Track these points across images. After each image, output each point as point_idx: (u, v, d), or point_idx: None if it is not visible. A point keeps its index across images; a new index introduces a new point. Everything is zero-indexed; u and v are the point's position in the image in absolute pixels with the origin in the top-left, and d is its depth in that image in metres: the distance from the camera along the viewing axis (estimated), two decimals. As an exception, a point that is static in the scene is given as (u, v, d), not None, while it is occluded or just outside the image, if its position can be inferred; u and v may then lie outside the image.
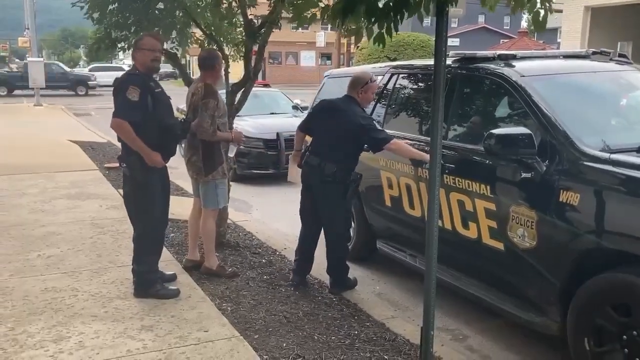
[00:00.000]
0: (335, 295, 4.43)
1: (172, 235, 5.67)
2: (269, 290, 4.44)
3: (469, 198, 3.83)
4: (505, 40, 39.20)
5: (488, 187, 3.71)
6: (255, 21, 5.18)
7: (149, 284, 4.19)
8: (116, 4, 5.19)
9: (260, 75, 6.19)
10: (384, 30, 2.59)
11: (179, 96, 6.48)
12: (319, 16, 4.23)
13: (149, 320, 3.80)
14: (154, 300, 4.10)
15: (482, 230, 3.78)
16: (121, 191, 7.53)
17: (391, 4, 2.50)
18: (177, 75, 29.85)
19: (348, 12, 2.56)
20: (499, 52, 4.25)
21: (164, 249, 4.55)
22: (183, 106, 5.64)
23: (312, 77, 44.75)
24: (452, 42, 46.92)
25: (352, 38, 3.34)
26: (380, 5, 2.55)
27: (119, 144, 4.24)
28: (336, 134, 4.27)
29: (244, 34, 5.41)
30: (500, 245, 3.66)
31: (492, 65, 4.03)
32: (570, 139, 3.36)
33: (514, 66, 3.99)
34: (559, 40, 30.23)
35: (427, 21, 3.06)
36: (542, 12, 2.95)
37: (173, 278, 4.50)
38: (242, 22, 5.18)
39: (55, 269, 4.72)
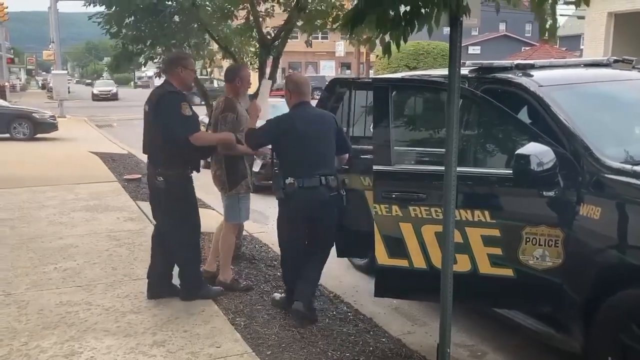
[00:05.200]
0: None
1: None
2: (283, 304, 4.38)
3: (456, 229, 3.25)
4: (527, 48, 38.86)
5: (487, 213, 3.41)
6: (271, 33, 5.16)
7: (198, 286, 4.35)
8: (132, 18, 5.23)
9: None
10: (391, 41, 2.54)
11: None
12: (330, 25, 4.22)
13: (161, 335, 3.77)
14: (167, 314, 4.08)
15: (478, 262, 3.46)
16: (139, 203, 7.66)
17: (402, 15, 2.45)
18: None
19: (357, 22, 2.52)
20: (516, 61, 4.16)
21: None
22: (202, 117, 5.67)
23: (332, 87, 44.75)
24: (473, 50, 46.67)
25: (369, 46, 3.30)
26: (391, 15, 2.50)
27: (139, 155, 4.30)
28: None
29: (258, 46, 5.41)
30: (507, 272, 3.40)
31: (509, 75, 3.94)
32: (590, 151, 3.25)
33: (532, 76, 3.89)
34: (582, 47, 29.83)
35: (447, 29, 2.99)
36: (549, 20, 2.85)
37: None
38: (257, 35, 5.16)
39: (70, 282, 4.73)
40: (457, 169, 3.05)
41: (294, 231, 4.13)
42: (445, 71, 4.70)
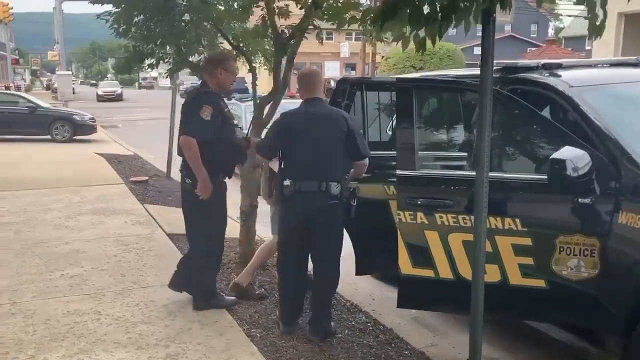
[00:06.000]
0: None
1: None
2: (299, 314, 4.21)
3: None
4: (533, 49, 38.65)
5: (518, 221, 3.23)
6: (286, 32, 5.00)
7: (210, 295, 4.20)
8: (141, 17, 5.07)
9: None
10: (426, 36, 2.37)
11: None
12: (359, 19, 4.05)
13: (174, 347, 3.60)
14: (180, 325, 3.91)
15: (508, 272, 3.30)
16: (147, 206, 7.50)
17: (438, 9, 2.27)
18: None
19: (388, 17, 2.35)
20: (543, 61, 3.97)
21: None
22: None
23: (336, 88, 44.55)
24: (479, 50, 46.35)
25: (376, 47, 3.14)
26: (426, 10, 2.32)
27: (145, 157, 4.12)
28: None
29: (272, 45, 5.25)
30: (539, 283, 3.23)
31: (536, 75, 3.75)
32: (628, 155, 3.07)
33: (560, 76, 3.70)
34: (587, 47, 29.54)
35: (453, 31, 2.82)
36: (600, 15, 2.67)
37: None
38: (271, 33, 4.99)
39: (78, 289, 4.56)
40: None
41: (290, 235, 3.85)
42: (465, 72, 4.56)
